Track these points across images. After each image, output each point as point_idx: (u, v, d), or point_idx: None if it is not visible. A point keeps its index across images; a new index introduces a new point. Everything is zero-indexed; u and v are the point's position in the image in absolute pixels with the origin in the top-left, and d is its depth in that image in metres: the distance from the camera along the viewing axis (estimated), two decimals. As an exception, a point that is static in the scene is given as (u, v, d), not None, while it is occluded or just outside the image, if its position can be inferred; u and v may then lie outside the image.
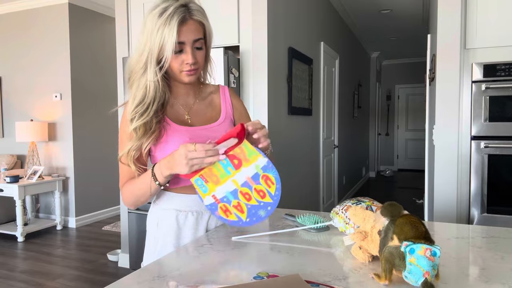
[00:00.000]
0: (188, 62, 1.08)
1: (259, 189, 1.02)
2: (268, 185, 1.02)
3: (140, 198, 1.15)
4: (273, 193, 1.02)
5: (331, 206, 4.58)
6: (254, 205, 1.03)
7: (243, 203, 1.03)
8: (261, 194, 1.03)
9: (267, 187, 1.02)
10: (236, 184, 1.03)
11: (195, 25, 1.08)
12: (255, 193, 1.03)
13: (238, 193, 1.03)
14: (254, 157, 1.01)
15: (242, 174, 1.02)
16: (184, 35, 1.06)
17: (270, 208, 1.03)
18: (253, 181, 1.02)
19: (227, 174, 1.02)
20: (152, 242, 1.22)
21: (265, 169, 1.01)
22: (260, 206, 1.03)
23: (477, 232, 1.18)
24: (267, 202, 1.03)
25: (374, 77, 8.34)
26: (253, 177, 1.02)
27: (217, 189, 1.03)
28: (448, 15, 2.35)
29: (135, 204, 1.17)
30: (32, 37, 4.73)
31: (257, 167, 1.01)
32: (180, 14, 1.04)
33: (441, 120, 2.40)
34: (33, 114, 4.77)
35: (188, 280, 0.84)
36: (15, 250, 3.83)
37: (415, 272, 0.74)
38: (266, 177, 1.02)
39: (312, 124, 4.06)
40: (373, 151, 8.56)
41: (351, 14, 5.50)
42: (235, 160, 1.01)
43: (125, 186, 1.17)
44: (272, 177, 1.01)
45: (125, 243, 3.32)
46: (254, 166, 1.01)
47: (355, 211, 0.98)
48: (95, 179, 4.88)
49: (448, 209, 2.39)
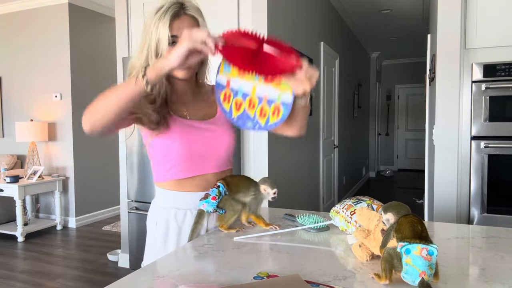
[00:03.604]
0: None
1: (265, 109, 1.03)
2: (273, 114, 1.02)
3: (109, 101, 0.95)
4: (271, 122, 1.02)
5: (331, 206, 4.58)
6: (249, 115, 1.05)
7: (243, 106, 1.05)
8: (261, 114, 1.04)
9: (271, 114, 1.02)
10: (253, 92, 1.04)
11: (188, 20, 1.12)
12: (258, 109, 1.04)
13: (247, 98, 1.05)
14: (285, 88, 1.00)
15: (264, 90, 1.02)
16: (177, 29, 1.09)
17: (257, 128, 1.04)
18: (266, 102, 1.03)
19: (255, 78, 1.03)
20: (152, 241, 1.22)
21: (283, 104, 1.00)
22: (252, 120, 1.05)
23: (477, 232, 1.18)
24: (260, 122, 1.04)
25: (374, 77, 8.34)
26: (269, 100, 1.02)
27: (236, 79, 1.05)
28: (448, 15, 2.35)
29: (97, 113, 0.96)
30: (32, 37, 4.73)
31: (279, 97, 1.00)
32: (174, 9, 1.10)
33: (441, 120, 2.40)
34: (33, 114, 4.77)
35: (188, 280, 0.84)
36: (15, 250, 3.83)
37: (412, 272, 0.74)
38: (278, 108, 1.01)
39: (312, 124, 4.06)
40: (373, 151, 8.56)
41: (351, 14, 5.50)
42: (269, 76, 1.01)
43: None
44: (281, 113, 1.01)
45: (125, 243, 3.32)
46: (277, 94, 1.01)
47: (362, 211, 0.99)
48: (95, 179, 4.88)
49: (448, 209, 2.39)
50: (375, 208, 1.08)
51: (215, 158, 1.22)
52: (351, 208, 1.13)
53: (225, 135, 1.24)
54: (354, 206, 1.13)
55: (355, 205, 1.13)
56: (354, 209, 1.12)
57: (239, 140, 2.88)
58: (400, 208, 0.84)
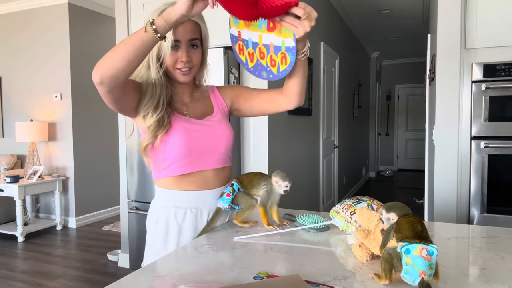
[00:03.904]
0: (183, 60, 1.13)
1: (273, 58, 1.07)
2: (282, 62, 1.06)
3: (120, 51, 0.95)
4: (281, 69, 1.07)
5: (331, 206, 4.57)
6: (262, 64, 1.10)
7: (256, 56, 1.10)
8: (272, 63, 1.08)
9: (280, 63, 1.06)
10: (260, 40, 1.07)
11: (191, 25, 1.13)
12: (268, 58, 1.08)
13: (257, 47, 1.09)
14: (286, 34, 1.02)
15: (269, 38, 1.05)
16: (179, 34, 1.11)
17: (272, 77, 1.10)
18: (272, 50, 1.06)
19: (259, 28, 1.05)
20: (152, 241, 1.22)
21: (287, 50, 1.03)
22: (266, 69, 1.10)
23: (477, 232, 1.18)
24: (272, 71, 1.09)
25: (374, 77, 8.34)
26: (275, 47, 1.05)
27: (245, 30, 1.08)
28: (448, 15, 2.35)
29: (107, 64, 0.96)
30: (32, 37, 4.73)
31: (283, 43, 1.03)
32: None
33: (441, 120, 2.40)
34: (33, 114, 4.77)
35: (188, 280, 0.84)
36: (15, 250, 3.83)
37: (411, 272, 0.74)
38: (284, 55, 1.04)
39: (312, 124, 4.06)
40: (373, 151, 8.56)
41: (351, 14, 5.50)
42: (271, 23, 1.03)
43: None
44: (288, 59, 1.04)
45: (125, 243, 3.32)
46: (281, 40, 1.03)
47: (362, 211, 0.99)
48: (95, 179, 4.88)
49: (448, 209, 2.39)
50: (375, 208, 1.08)
51: (214, 154, 1.23)
52: (351, 208, 1.13)
53: (224, 131, 1.25)
54: (354, 206, 1.13)
55: (355, 205, 1.13)
56: (354, 209, 1.12)
57: (239, 140, 2.88)
58: (403, 210, 0.85)
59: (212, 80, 1.36)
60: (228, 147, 1.27)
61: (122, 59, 0.94)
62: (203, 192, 1.21)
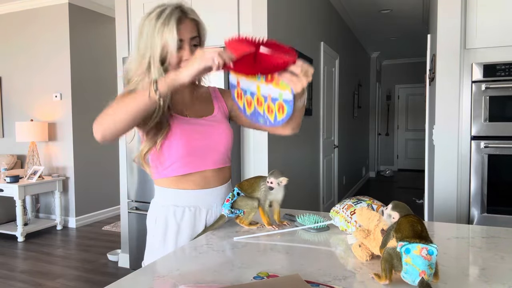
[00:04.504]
0: (187, 58, 1.13)
1: (271, 107, 1.09)
2: (279, 111, 1.07)
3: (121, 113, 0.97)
4: (278, 118, 1.09)
5: (331, 206, 4.57)
6: (259, 112, 1.13)
7: (253, 103, 1.13)
8: (269, 111, 1.10)
9: (277, 111, 1.08)
10: (258, 90, 1.10)
11: (191, 23, 1.14)
12: (266, 106, 1.10)
13: (255, 96, 1.12)
14: (284, 87, 1.04)
15: (266, 89, 1.08)
16: (182, 33, 1.12)
17: (269, 123, 1.12)
18: (270, 100, 1.08)
19: (257, 79, 1.09)
20: (151, 239, 1.23)
21: (285, 101, 1.05)
22: (263, 116, 1.13)
23: (477, 232, 1.18)
24: (269, 118, 1.11)
25: (374, 77, 8.34)
26: (273, 98, 1.07)
27: (244, 80, 1.12)
28: (448, 15, 2.35)
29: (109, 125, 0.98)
30: (32, 37, 4.72)
31: (280, 95, 1.05)
32: (177, 14, 1.11)
33: (441, 120, 2.40)
34: (33, 114, 4.77)
35: (188, 280, 0.84)
36: (15, 250, 3.83)
37: (411, 272, 0.74)
38: (281, 105, 1.06)
39: (312, 124, 4.06)
40: (373, 151, 8.56)
41: (351, 14, 5.50)
42: (269, 76, 1.06)
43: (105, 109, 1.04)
44: (286, 110, 1.05)
45: (125, 243, 3.32)
46: (278, 92, 1.05)
47: (362, 211, 0.99)
48: (95, 179, 4.88)
49: (448, 209, 2.39)
50: (375, 208, 1.08)
51: (214, 154, 1.23)
52: (351, 208, 1.13)
53: (223, 131, 1.26)
54: (354, 206, 1.13)
55: (355, 205, 1.13)
56: (354, 209, 1.12)
57: (239, 140, 2.88)
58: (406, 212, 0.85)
59: (212, 80, 1.36)
60: (228, 146, 1.27)
61: (123, 120, 0.98)
62: (202, 191, 1.22)
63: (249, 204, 1.20)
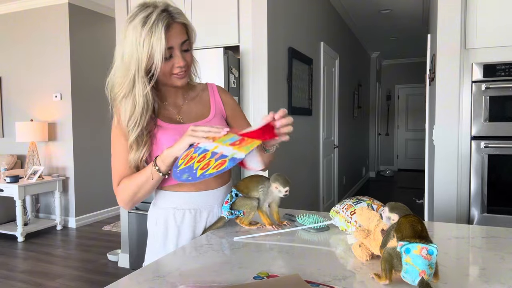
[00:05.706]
0: (180, 65, 1.09)
1: (211, 163, 0.97)
2: (215, 167, 0.95)
3: (138, 192, 1.12)
4: (206, 173, 0.96)
5: (331, 206, 4.57)
6: (192, 167, 0.99)
7: (194, 160, 1.01)
8: (203, 166, 0.97)
9: (212, 167, 0.96)
10: (213, 148, 1.00)
11: (179, 27, 1.08)
12: (205, 162, 0.98)
13: (204, 153, 1.01)
14: (243, 150, 0.97)
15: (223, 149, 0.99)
16: (171, 40, 1.05)
17: (191, 179, 0.97)
18: (217, 157, 0.98)
19: (223, 142, 1.02)
20: (152, 241, 1.22)
21: (231, 159, 0.95)
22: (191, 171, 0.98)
23: (477, 232, 1.18)
24: (196, 174, 0.97)
25: (374, 77, 8.34)
26: (221, 156, 0.97)
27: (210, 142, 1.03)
28: (448, 15, 2.35)
29: (132, 200, 1.14)
30: (32, 37, 4.73)
31: (232, 155, 0.96)
32: (164, 20, 1.03)
33: (441, 120, 2.40)
34: (33, 114, 4.77)
35: (188, 280, 0.84)
36: (15, 250, 3.83)
37: (411, 272, 0.74)
38: (223, 162, 0.96)
39: (312, 124, 4.06)
40: (373, 151, 8.56)
41: (351, 14, 5.50)
42: (238, 142, 1.01)
43: (121, 184, 1.14)
44: (223, 167, 0.94)
45: (125, 243, 3.32)
46: (231, 153, 0.97)
47: (362, 211, 0.99)
48: (95, 179, 4.88)
49: (448, 209, 2.39)
50: (375, 208, 1.08)
51: None
52: (351, 208, 1.13)
53: None
54: (354, 206, 1.13)
55: (355, 205, 1.13)
56: (354, 209, 1.12)
57: (239, 140, 2.88)
58: (406, 213, 0.85)
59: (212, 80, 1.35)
60: None
61: (137, 195, 1.14)
62: (202, 193, 1.20)
63: (248, 204, 1.20)
